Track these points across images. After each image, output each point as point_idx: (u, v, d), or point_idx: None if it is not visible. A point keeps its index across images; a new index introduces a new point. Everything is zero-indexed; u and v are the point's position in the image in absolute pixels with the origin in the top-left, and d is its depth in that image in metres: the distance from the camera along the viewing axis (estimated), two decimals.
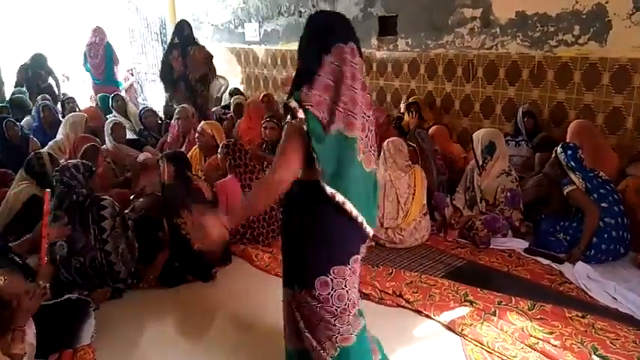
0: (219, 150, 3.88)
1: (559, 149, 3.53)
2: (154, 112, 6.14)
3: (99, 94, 7.16)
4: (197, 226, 1.80)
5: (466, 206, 3.94)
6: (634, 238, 3.40)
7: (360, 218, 1.78)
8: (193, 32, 6.34)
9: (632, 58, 3.84)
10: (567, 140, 3.81)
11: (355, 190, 1.75)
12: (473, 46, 4.87)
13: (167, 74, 6.24)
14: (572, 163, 3.44)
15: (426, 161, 4.07)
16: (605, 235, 3.31)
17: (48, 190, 2.82)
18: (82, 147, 4.06)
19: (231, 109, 6.16)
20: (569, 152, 3.47)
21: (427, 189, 3.84)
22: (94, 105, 7.09)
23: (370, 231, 1.86)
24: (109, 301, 3.00)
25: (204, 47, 6.28)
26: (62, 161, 3.40)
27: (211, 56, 6.22)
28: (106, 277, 2.99)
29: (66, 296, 2.67)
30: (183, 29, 6.23)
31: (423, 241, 3.74)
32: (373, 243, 3.63)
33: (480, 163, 3.84)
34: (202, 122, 4.74)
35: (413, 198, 3.71)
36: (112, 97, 6.51)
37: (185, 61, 6.06)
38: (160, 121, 6.09)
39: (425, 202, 3.80)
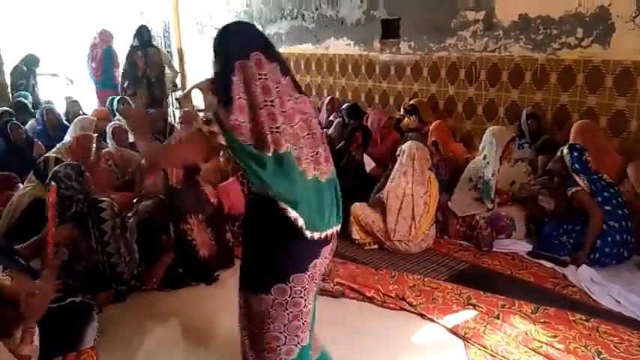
0: (222, 152, 3.88)
1: (565, 150, 3.51)
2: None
3: (110, 97, 7.20)
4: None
5: (474, 203, 3.89)
6: (638, 241, 3.39)
7: (310, 232, 1.67)
8: (152, 38, 7.38)
9: (636, 60, 3.83)
10: (571, 140, 3.80)
11: (303, 201, 1.64)
12: (476, 48, 4.87)
13: (132, 72, 6.99)
14: (577, 166, 3.43)
15: None
16: (609, 239, 3.30)
17: (54, 184, 2.75)
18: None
19: None
20: (575, 154, 3.46)
21: None
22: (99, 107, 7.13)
23: (330, 234, 1.75)
24: (111, 304, 3.01)
25: (159, 49, 7.29)
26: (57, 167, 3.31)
27: (168, 57, 7.20)
28: (110, 279, 3.00)
29: (69, 299, 2.67)
30: (143, 34, 7.03)
31: (427, 247, 3.72)
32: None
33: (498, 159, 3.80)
34: None
35: (426, 214, 3.66)
36: (118, 100, 6.52)
37: (146, 60, 6.94)
38: (164, 123, 6.12)
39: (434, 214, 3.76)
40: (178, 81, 8.26)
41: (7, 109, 6.28)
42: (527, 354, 2.45)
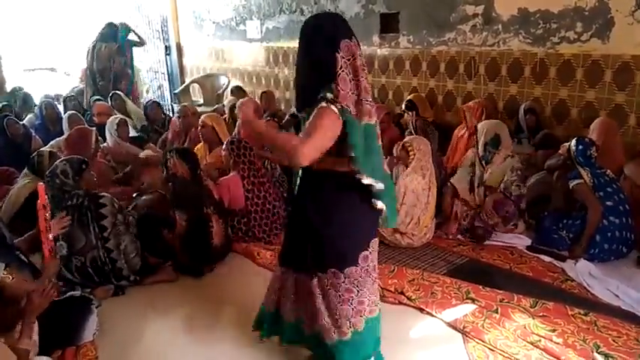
0: (224, 146, 3.87)
1: (573, 142, 3.50)
2: (159, 104, 6.25)
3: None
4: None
5: (467, 191, 3.90)
6: (637, 238, 3.39)
7: (381, 205, 1.95)
8: (117, 34, 7.42)
9: (635, 55, 3.83)
10: (590, 135, 3.76)
11: (378, 177, 1.92)
12: (475, 43, 4.86)
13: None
14: (581, 159, 3.43)
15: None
16: (609, 234, 3.30)
17: (41, 183, 2.77)
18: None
19: (227, 112, 6.15)
20: (581, 147, 3.45)
21: None
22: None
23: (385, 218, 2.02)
24: (111, 298, 3.01)
25: (109, 45, 7.38)
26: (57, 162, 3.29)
27: (114, 53, 7.33)
28: (110, 275, 3.00)
29: (69, 293, 2.67)
30: (101, 30, 7.41)
31: (427, 240, 3.73)
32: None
33: (482, 154, 3.82)
34: (203, 115, 4.78)
35: (429, 206, 3.69)
36: (111, 96, 6.53)
37: (93, 53, 7.32)
38: (163, 115, 6.14)
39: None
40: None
41: (8, 103, 6.29)
42: (525, 348, 2.45)
